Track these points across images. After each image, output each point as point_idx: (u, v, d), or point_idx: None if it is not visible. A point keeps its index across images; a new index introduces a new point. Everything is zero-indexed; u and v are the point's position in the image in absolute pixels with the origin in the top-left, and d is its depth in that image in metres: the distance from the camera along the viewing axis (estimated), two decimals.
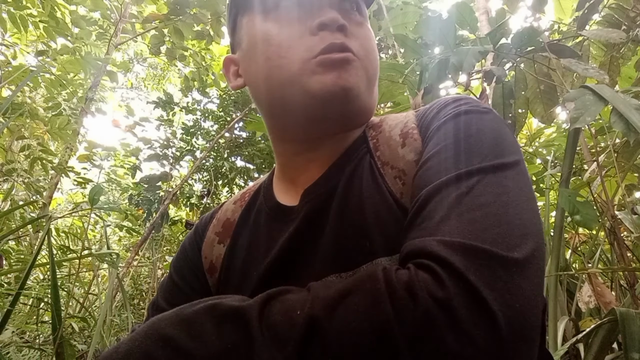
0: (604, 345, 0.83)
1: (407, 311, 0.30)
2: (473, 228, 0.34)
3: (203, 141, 3.79)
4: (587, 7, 1.40)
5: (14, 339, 1.77)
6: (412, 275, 0.32)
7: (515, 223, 0.35)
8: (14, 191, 2.64)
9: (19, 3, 2.63)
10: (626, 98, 0.89)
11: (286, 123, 0.55)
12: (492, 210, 0.35)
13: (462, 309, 0.29)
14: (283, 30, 0.51)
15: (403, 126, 0.52)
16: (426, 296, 0.30)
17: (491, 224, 0.34)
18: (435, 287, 0.30)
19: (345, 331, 0.30)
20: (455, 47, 1.25)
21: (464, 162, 0.40)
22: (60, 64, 3.01)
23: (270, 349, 0.32)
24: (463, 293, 0.30)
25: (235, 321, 0.35)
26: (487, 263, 0.31)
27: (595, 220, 1.06)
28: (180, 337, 0.35)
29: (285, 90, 0.50)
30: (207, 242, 0.63)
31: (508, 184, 0.38)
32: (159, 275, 3.33)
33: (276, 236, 0.54)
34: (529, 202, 0.38)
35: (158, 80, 6.93)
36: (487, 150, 0.41)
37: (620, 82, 1.76)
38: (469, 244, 0.32)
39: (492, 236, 0.33)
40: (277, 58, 0.50)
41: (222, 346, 0.33)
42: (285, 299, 0.36)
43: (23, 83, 1.57)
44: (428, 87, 1.25)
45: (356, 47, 0.50)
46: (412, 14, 2.35)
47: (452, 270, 0.31)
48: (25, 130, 2.83)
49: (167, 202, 3.22)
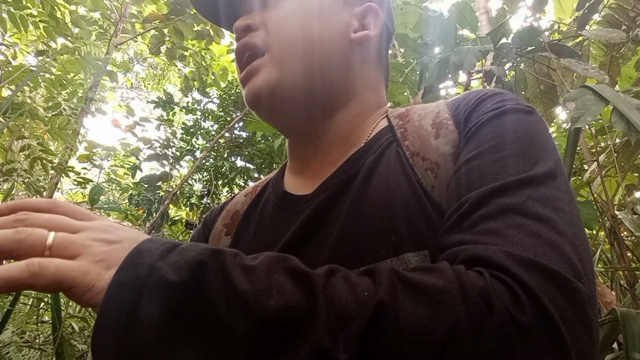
0: (604, 346, 0.83)
1: (483, 320, 0.28)
2: (538, 243, 0.32)
3: (203, 141, 3.79)
4: (587, 7, 1.40)
5: (14, 339, 1.77)
6: (488, 284, 0.30)
7: (576, 244, 0.33)
8: (14, 191, 2.64)
9: (19, 3, 2.63)
10: (627, 98, 0.89)
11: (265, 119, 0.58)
12: (553, 226, 0.33)
13: (537, 333, 0.28)
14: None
15: (435, 116, 0.49)
16: (504, 310, 0.28)
17: (556, 241, 0.32)
18: (514, 305, 0.29)
19: (413, 325, 0.29)
20: (455, 46, 1.25)
21: (515, 168, 0.38)
22: (60, 64, 3.00)
23: (332, 323, 0.29)
24: (540, 317, 0.29)
25: (301, 282, 0.31)
26: (560, 288, 0.30)
27: (595, 220, 1.06)
28: (238, 277, 0.31)
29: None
30: (215, 234, 0.62)
31: (561, 197, 0.36)
32: None
33: (284, 226, 0.52)
34: (579, 213, 0.36)
35: (158, 80, 6.93)
36: (537, 157, 0.39)
37: (620, 82, 1.76)
38: (540, 263, 0.31)
39: (559, 256, 0.31)
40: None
41: (281, 302, 0.29)
42: (349, 276, 0.33)
43: (23, 83, 1.57)
44: (428, 87, 1.25)
45: (262, 35, 0.52)
46: (412, 13, 2.34)
47: (528, 291, 0.29)
48: (25, 130, 2.83)
49: (167, 202, 3.22)
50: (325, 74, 0.52)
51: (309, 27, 0.52)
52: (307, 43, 0.51)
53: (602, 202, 1.41)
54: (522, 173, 0.37)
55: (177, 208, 4.07)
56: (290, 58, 0.51)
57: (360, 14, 0.56)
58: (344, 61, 0.54)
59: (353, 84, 0.55)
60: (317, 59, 0.52)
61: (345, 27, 0.54)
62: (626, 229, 1.50)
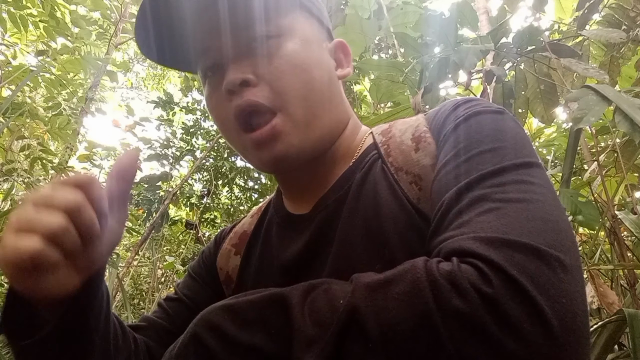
0: (607, 346, 0.83)
1: (448, 299, 0.29)
2: (507, 222, 0.33)
3: (203, 141, 3.79)
4: (587, 7, 1.40)
5: None
6: (454, 267, 0.31)
7: (550, 219, 0.34)
8: (14, 191, 2.64)
9: (19, 3, 2.62)
10: (629, 98, 0.88)
11: None
12: (523, 206, 0.34)
13: (506, 302, 0.28)
14: (212, 96, 0.52)
15: (414, 130, 0.51)
16: (469, 287, 0.29)
17: (525, 217, 0.33)
18: (480, 280, 0.30)
19: (384, 319, 0.30)
20: (456, 45, 1.25)
21: (485, 163, 0.39)
22: (60, 64, 3.00)
23: (311, 330, 0.33)
24: (507, 287, 0.29)
25: (277, 306, 0.36)
26: (531, 257, 0.30)
27: (597, 220, 1.05)
28: (226, 324, 0.36)
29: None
30: (223, 253, 0.64)
31: (534, 181, 0.37)
32: (159, 275, 3.32)
33: (288, 244, 0.54)
34: (556, 199, 0.37)
35: (158, 80, 6.93)
36: (507, 150, 0.40)
37: (620, 82, 1.76)
38: (507, 239, 0.32)
39: (529, 229, 0.32)
40: (219, 125, 0.54)
41: (266, 332, 0.35)
42: (329, 288, 0.36)
43: (23, 83, 1.57)
44: (428, 86, 1.25)
45: (266, 93, 0.48)
46: (412, 13, 2.34)
47: (494, 266, 0.30)
48: (25, 130, 2.83)
49: (167, 202, 3.22)
50: (331, 116, 0.53)
51: (312, 78, 0.50)
52: (315, 96, 0.50)
53: (602, 202, 1.41)
54: (494, 166, 0.38)
55: (177, 208, 4.07)
56: (307, 116, 0.50)
57: (332, 50, 0.57)
58: (340, 98, 0.56)
59: (345, 111, 0.57)
60: (326, 109, 0.52)
61: (332, 67, 0.55)
62: (626, 229, 1.50)
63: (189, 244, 3.51)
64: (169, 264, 2.78)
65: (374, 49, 2.70)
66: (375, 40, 2.66)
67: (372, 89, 2.08)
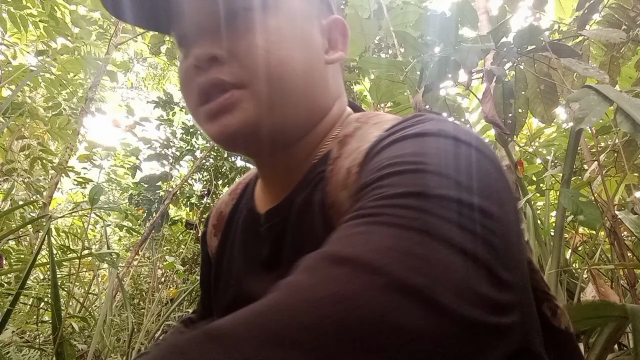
0: (608, 345, 0.83)
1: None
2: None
3: (203, 141, 3.79)
4: (587, 7, 1.40)
5: (14, 339, 1.77)
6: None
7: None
8: (14, 191, 2.64)
9: (19, 3, 2.62)
10: (631, 98, 0.88)
11: None
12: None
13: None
14: (182, 67, 0.48)
15: (357, 154, 0.43)
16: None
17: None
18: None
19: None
20: (456, 45, 1.25)
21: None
22: (60, 64, 3.00)
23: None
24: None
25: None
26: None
27: (598, 220, 1.05)
28: None
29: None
30: (209, 234, 0.65)
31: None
32: (159, 275, 3.32)
33: (247, 244, 0.56)
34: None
35: (158, 80, 6.93)
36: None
37: (620, 82, 1.76)
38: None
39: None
40: (184, 98, 0.49)
41: None
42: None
43: (23, 83, 1.57)
44: (429, 86, 1.25)
45: (234, 70, 0.43)
46: (413, 13, 2.35)
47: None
48: (25, 130, 2.83)
49: (167, 202, 3.22)
50: (307, 104, 0.48)
51: (290, 57, 0.45)
52: (289, 77, 0.45)
53: (602, 202, 1.41)
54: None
55: (177, 208, 4.07)
56: (273, 97, 0.44)
57: (327, 28, 0.52)
58: (322, 85, 0.50)
59: (326, 102, 0.51)
60: (301, 93, 0.47)
61: (320, 48, 0.50)
62: (626, 228, 1.50)
63: (189, 244, 3.51)
64: (169, 264, 2.78)
65: (374, 48, 2.70)
66: (375, 40, 2.66)
67: (372, 89, 2.08)
